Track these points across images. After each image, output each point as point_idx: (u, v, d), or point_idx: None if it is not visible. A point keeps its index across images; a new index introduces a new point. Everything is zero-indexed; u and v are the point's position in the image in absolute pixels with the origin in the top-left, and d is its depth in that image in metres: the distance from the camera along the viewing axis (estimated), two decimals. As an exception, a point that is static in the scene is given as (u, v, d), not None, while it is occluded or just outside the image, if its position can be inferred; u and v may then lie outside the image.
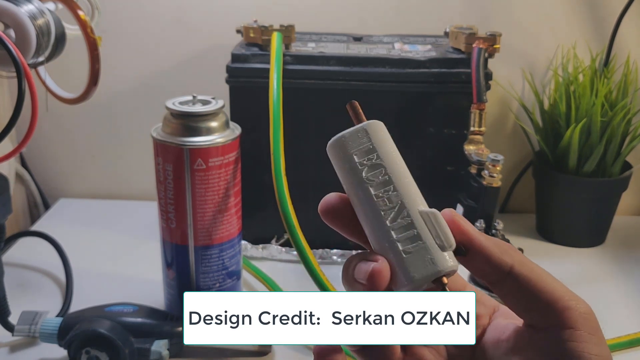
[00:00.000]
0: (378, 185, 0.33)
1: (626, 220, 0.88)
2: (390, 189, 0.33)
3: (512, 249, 0.32)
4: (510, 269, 0.31)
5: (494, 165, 0.62)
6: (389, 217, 0.32)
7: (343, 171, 0.34)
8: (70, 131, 0.90)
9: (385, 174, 0.33)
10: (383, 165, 0.33)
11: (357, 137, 0.34)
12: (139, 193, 0.91)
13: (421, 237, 0.32)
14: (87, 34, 0.56)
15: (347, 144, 0.34)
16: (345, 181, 0.34)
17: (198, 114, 0.57)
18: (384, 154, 0.33)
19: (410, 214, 0.32)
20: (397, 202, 0.33)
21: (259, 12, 0.80)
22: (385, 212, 0.32)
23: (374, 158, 0.33)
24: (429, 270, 0.31)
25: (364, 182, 0.33)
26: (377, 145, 0.34)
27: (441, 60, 0.70)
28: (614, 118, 0.73)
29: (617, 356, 0.60)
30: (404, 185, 0.33)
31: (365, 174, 0.33)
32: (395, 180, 0.33)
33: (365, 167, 0.33)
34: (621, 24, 0.81)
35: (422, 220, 0.32)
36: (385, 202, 0.33)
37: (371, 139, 0.34)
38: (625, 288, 0.71)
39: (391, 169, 0.33)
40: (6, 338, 0.60)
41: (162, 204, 0.59)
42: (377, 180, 0.33)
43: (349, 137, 0.34)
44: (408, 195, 0.33)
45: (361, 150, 0.34)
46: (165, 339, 0.56)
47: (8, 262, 0.73)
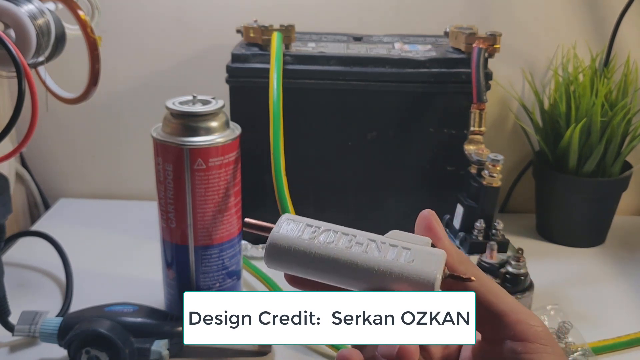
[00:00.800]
0: (342, 241, 0.34)
1: (626, 220, 0.88)
2: (351, 237, 0.34)
3: (471, 263, 0.34)
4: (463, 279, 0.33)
5: (494, 165, 0.62)
6: (373, 252, 0.33)
7: (299, 256, 0.34)
8: (70, 131, 0.90)
9: (336, 231, 0.34)
10: (327, 227, 0.34)
11: (287, 227, 0.34)
12: (139, 193, 0.91)
13: (408, 247, 0.33)
14: (87, 34, 0.56)
15: (286, 237, 0.34)
16: (307, 263, 0.34)
17: (198, 114, 0.57)
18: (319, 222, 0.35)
19: (384, 240, 0.34)
20: (366, 240, 0.34)
21: (259, 12, 0.80)
22: (366, 250, 0.33)
23: (319, 228, 0.34)
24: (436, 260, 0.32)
25: (328, 246, 0.34)
26: (308, 221, 0.35)
27: (441, 60, 0.70)
28: (614, 118, 0.73)
29: (617, 356, 0.60)
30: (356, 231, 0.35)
31: (324, 241, 0.34)
32: (347, 231, 0.34)
33: (318, 238, 0.34)
34: (621, 24, 0.81)
35: (393, 239, 0.34)
36: (359, 246, 0.34)
37: (300, 220, 0.35)
38: (625, 288, 0.71)
39: (335, 227, 0.35)
40: (6, 338, 0.60)
41: (162, 204, 0.59)
42: (336, 239, 0.34)
43: (282, 232, 0.34)
44: (367, 234, 0.35)
45: (302, 230, 0.34)
46: (165, 339, 0.56)
47: (8, 262, 0.73)
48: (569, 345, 0.58)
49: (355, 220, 0.75)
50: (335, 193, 0.74)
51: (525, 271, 0.62)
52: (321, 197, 0.75)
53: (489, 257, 0.62)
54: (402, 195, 0.74)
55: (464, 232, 0.65)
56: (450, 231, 0.68)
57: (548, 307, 0.62)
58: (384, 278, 0.33)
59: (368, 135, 0.72)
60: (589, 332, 0.60)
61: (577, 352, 0.57)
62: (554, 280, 0.72)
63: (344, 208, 0.75)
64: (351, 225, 0.68)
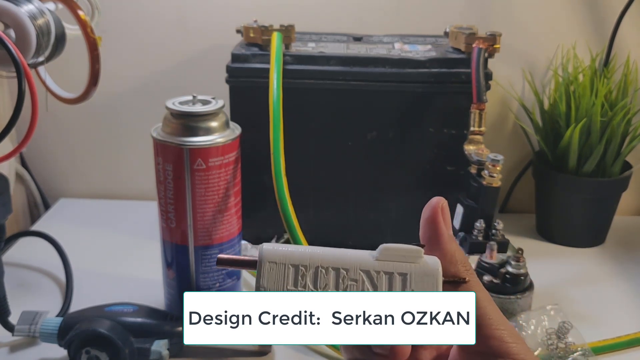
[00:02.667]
0: (334, 281, 0.32)
1: (626, 220, 0.88)
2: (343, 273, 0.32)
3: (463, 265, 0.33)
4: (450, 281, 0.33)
5: (494, 165, 0.62)
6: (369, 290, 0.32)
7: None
8: (70, 131, 0.90)
9: (325, 268, 0.32)
10: (315, 265, 0.32)
11: (272, 273, 0.32)
12: (139, 193, 0.91)
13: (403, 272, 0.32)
14: (87, 34, 0.56)
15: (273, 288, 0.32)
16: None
17: (198, 114, 0.57)
18: (303, 259, 0.32)
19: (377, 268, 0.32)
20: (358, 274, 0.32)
21: (259, 12, 0.80)
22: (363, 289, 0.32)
23: (303, 270, 0.32)
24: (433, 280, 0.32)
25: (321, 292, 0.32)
26: (292, 259, 0.32)
27: (441, 60, 0.70)
28: (613, 118, 0.73)
29: (617, 356, 0.60)
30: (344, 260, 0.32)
31: (314, 286, 0.32)
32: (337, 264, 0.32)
33: (307, 283, 0.32)
34: (621, 24, 0.81)
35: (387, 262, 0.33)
36: (353, 285, 0.32)
37: (284, 262, 0.32)
38: (625, 288, 0.71)
39: (323, 261, 0.32)
40: (6, 338, 0.60)
41: (162, 204, 0.59)
42: (327, 280, 0.32)
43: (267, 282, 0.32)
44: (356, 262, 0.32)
45: (288, 276, 0.32)
46: (165, 339, 0.56)
47: (8, 262, 0.73)
48: (568, 345, 0.58)
49: (355, 220, 0.75)
50: (335, 193, 0.74)
51: (525, 271, 0.62)
52: (321, 197, 0.75)
53: (489, 257, 0.62)
54: (402, 195, 0.74)
55: (464, 232, 0.65)
56: (450, 231, 0.68)
57: (548, 307, 0.62)
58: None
59: (368, 135, 0.72)
60: (589, 332, 0.60)
61: (577, 352, 0.57)
62: (554, 280, 0.72)
63: (344, 208, 0.75)
64: (351, 225, 0.69)
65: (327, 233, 0.75)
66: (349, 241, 0.76)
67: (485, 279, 0.62)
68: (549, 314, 0.61)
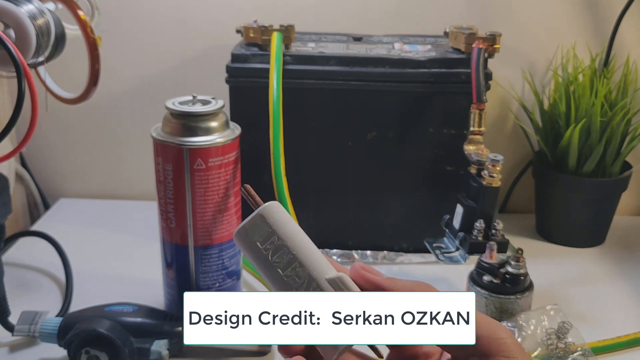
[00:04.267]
0: (285, 266, 0.35)
1: (626, 220, 0.88)
2: (296, 265, 0.35)
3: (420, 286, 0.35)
4: None
5: (494, 165, 0.62)
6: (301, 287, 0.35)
7: (252, 259, 0.36)
8: (70, 131, 0.90)
9: (289, 252, 0.35)
10: (285, 245, 0.35)
11: (256, 224, 0.36)
12: (139, 193, 0.91)
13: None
14: (87, 34, 0.56)
15: (248, 234, 0.36)
16: (256, 267, 0.36)
17: (198, 114, 0.57)
18: (284, 234, 0.36)
19: (319, 284, 0.35)
20: (305, 276, 0.35)
21: (259, 12, 0.80)
22: (296, 289, 0.35)
23: (275, 240, 0.35)
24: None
25: (272, 265, 0.35)
26: (275, 227, 0.36)
27: (441, 60, 0.70)
28: (613, 118, 0.73)
29: (617, 356, 0.60)
30: (308, 258, 0.35)
31: (272, 258, 0.35)
32: (299, 256, 0.35)
33: (270, 251, 0.35)
34: (621, 24, 0.81)
35: (330, 288, 0.35)
36: (294, 279, 0.35)
37: (269, 223, 0.36)
38: (625, 288, 0.71)
39: (293, 247, 0.35)
40: (6, 338, 0.60)
41: (162, 204, 0.59)
42: (282, 261, 0.35)
43: (248, 227, 0.36)
44: (313, 268, 0.35)
45: (262, 236, 0.36)
46: (165, 339, 0.56)
47: (8, 262, 0.73)
48: (568, 345, 0.58)
49: (355, 220, 0.75)
50: (335, 193, 0.74)
51: (525, 271, 0.62)
52: (321, 197, 0.75)
53: (488, 257, 0.62)
54: (402, 195, 0.74)
55: (463, 232, 0.65)
56: (450, 231, 0.68)
57: (548, 307, 0.62)
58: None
59: (368, 135, 0.72)
60: (588, 332, 0.60)
61: (577, 352, 0.57)
62: (554, 280, 0.72)
63: (344, 208, 0.75)
64: (351, 225, 0.68)
65: (327, 233, 0.75)
66: (349, 241, 0.76)
67: (485, 279, 0.62)
68: (549, 314, 0.61)
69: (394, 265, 0.75)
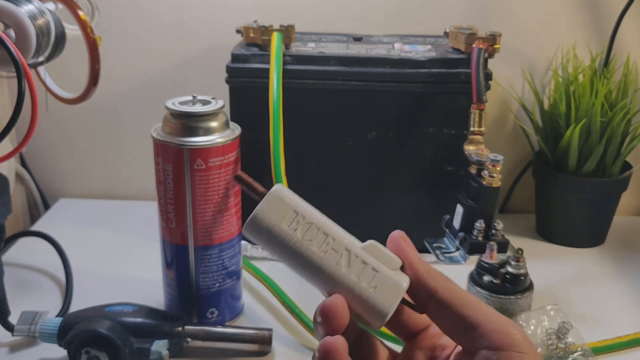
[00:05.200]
0: (319, 242, 0.35)
1: (626, 220, 0.88)
2: (330, 240, 0.35)
3: (441, 277, 0.35)
4: (434, 293, 0.34)
5: (494, 165, 0.62)
6: (342, 265, 0.34)
7: (276, 242, 0.35)
8: (70, 131, 0.90)
9: (318, 228, 0.35)
10: (311, 222, 0.35)
11: (275, 206, 0.35)
12: (139, 193, 0.91)
13: (376, 269, 0.34)
14: (87, 34, 0.56)
15: (268, 217, 0.35)
16: (281, 251, 0.35)
17: (198, 114, 0.57)
18: (305, 211, 0.35)
19: (358, 254, 0.35)
20: (342, 248, 0.35)
21: (259, 12, 0.80)
22: (338, 261, 0.34)
23: (301, 219, 0.35)
24: (395, 292, 0.34)
25: (304, 244, 0.34)
26: (296, 207, 0.35)
27: (441, 60, 0.70)
28: (613, 118, 0.73)
29: (617, 356, 0.60)
30: (336, 232, 0.35)
31: (302, 236, 0.34)
32: (328, 231, 0.35)
33: (297, 230, 0.35)
34: (621, 24, 0.81)
35: (369, 255, 0.35)
36: (332, 253, 0.34)
37: (289, 203, 0.35)
38: (625, 288, 0.71)
39: (319, 223, 0.35)
40: (6, 338, 0.60)
41: (162, 204, 0.59)
42: (314, 237, 0.35)
43: (267, 210, 0.35)
44: (346, 240, 0.35)
45: (285, 216, 0.35)
46: (165, 339, 0.56)
47: (8, 262, 0.73)
48: (568, 345, 0.58)
49: (355, 220, 0.75)
50: (335, 193, 0.74)
51: (525, 271, 0.62)
52: (321, 197, 0.74)
53: (488, 257, 0.62)
54: (402, 195, 0.74)
55: (463, 232, 0.65)
56: (450, 231, 0.68)
57: (548, 307, 0.62)
58: (344, 292, 0.34)
59: (368, 135, 0.72)
60: (589, 332, 0.60)
61: (577, 352, 0.57)
62: (554, 280, 0.72)
63: (344, 208, 0.75)
64: (351, 225, 0.68)
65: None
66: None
67: (485, 279, 0.62)
68: (549, 314, 0.61)
69: (394, 265, 0.75)
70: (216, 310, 0.62)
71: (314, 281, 0.35)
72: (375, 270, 0.34)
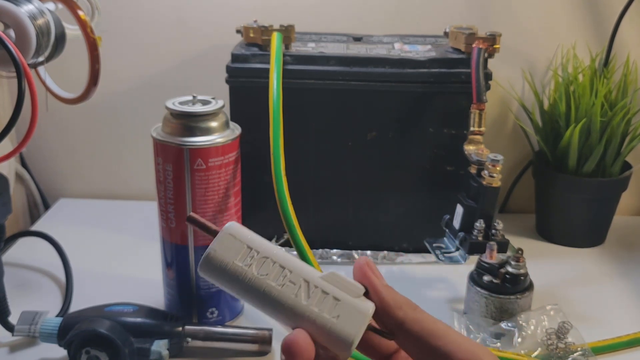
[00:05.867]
0: (275, 275, 0.34)
1: (626, 220, 0.88)
2: (287, 273, 0.34)
3: (408, 305, 0.34)
4: (402, 324, 0.33)
5: (494, 165, 0.62)
6: (302, 296, 0.33)
7: (232, 280, 0.34)
8: (70, 131, 0.90)
9: (274, 262, 0.34)
10: (266, 256, 0.34)
11: (228, 244, 0.34)
12: (139, 193, 0.91)
13: (338, 297, 0.33)
14: (87, 34, 0.56)
15: (221, 256, 0.34)
16: (239, 288, 0.34)
17: (198, 114, 0.57)
18: (260, 246, 0.34)
19: (317, 284, 0.34)
20: (299, 280, 0.34)
21: (259, 12, 0.80)
22: (296, 293, 0.33)
23: (255, 254, 0.34)
24: (360, 320, 0.33)
25: (260, 279, 0.34)
26: (249, 242, 0.34)
27: (441, 60, 0.70)
28: (613, 118, 0.73)
29: (617, 356, 0.60)
30: (294, 264, 0.34)
31: (257, 271, 0.34)
32: (285, 264, 0.34)
33: (252, 266, 0.34)
34: (621, 24, 0.81)
35: (329, 284, 0.34)
36: (290, 286, 0.34)
37: (241, 240, 0.34)
38: (625, 288, 0.71)
39: (274, 256, 0.34)
40: (6, 338, 0.60)
41: (162, 204, 0.59)
42: (270, 271, 0.34)
43: (219, 249, 0.34)
44: (303, 271, 0.34)
45: (238, 253, 0.34)
46: (165, 339, 0.56)
47: (8, 262, 0.73)
48: (568, 345, 0.58)
49: (355, 220, 0.75)
50: (335, 193, 0.74)
51: (525, 271, 0.62)
52: (321, 197, 0.75)
53: (488, 257, 0.62)
54: (402, 195, 0.74)
55: (463, 232, 0.65)
56: (450, 231, 0.68)
57: (548, 307, 0.62)
58: (307, 325, 0.33)
59: (368, 135, 0.72)
60: (589, 332, 0.60)
61: (577, 352, 0.57)
62: (554, 280, 0.72)
63: (344, 208, 0.75)
64: (351, 225, 0.69)
65: (327, 233, 0.75)
66: (349, 241, 0.76)
67: (485, 279, 0.62)
68: (549, 314, 0.61)
69: (394, 265, 0.75)
70: (216, 310, 0.62)
71: (276, 316, 0.34)
72: (336, 299, 0.33)
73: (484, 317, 0.62)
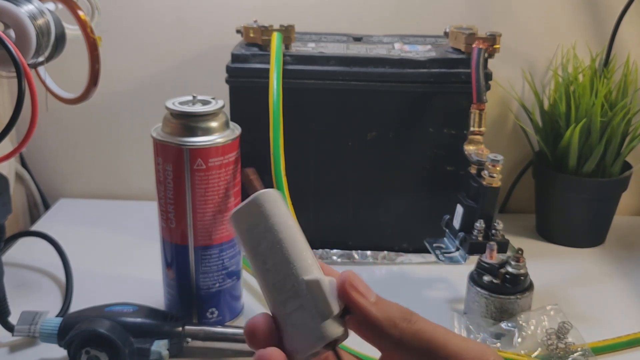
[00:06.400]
0: (269, 257, 0.33)
1: (626, 220, 0.88)
2: (279, 259, 0.33)
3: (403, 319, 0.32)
4: (399, 342, 0.32)
5: (494, 166, 0.62)
6: (279, 289, 0.33)
7: (241, 244, 0.35)
8: (70, 131, 0.90)
9: (274, 244, 0.33)
10: (272, 236, 0.34)
11: (248, 210, 0.34)
12: (139, 193, 0.91)
13: (304, 307, 0.32)
14: (87, 34, 0.56)
15: (241, 219, 0.35)
16: (244, 252, 0.35)
17: (198, 114, 0.57)
18: (273, 225, 0.34)
19: (296, 283, 0.33)
20: (285, 272, 0.33)
21: (259, 12, 0.80)
22: (275, 284, 0.33)
23: (262, 230, 0.34)
24: (312, 340, 0.32)
25: (258, 254, 0.34)
26: (265, 217, 0.34)
27: (441, 60, 0.70)
28: (613, 118, 0.73)
29: (617, 356, 0.60)
30: (293, 254, 0.33)
31: (258, 247, 0.34)
32: (284, 250, 0.33)
33: (257, 240, 0.34)
34: (621, 24, 0.81)
35: (305, 290, 0.32)
36: (274, 273, 0.33)
37: (260, 212, 0.34)
38: (625, 288, 0.71)
39: (280, 239, 0.33)
40: (6, 338, 0.60)
41: (162, 204, 0.59)
42: (267, 252, 0.33)
43: (241, 212, 0.34)
44: (296, 264, 0.33)
45: (251, 223, 0.34)
46: (165, 339, 0.56)
47: (8, 262, 0.73)
48: (568, 345, 0.58)
49: (355, 220, 0.75)
50: (335, 193, 0.74)
51: (525, 271, 0.62)
52: (321, 197, 0.75)
53: (488, 258, 0.62)
54: (402, 195, 0.74)
55: (463, 232, 0.65)
56: (450, 231, 0.68)
57: (548, 307, 0.62)
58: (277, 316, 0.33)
59: (368, 135, 0.72)
60: (589, 332, 0.60)
61: (577, 352, 0.57)
62: (554, 280, 0.72)
63: (344, 208, 0.75)
64: (351, 225, 0.68)
65: (327, 233, 0.75)
66: (349, 241, 0.76)
67: (485, 279, 0.62)
68: (549, 314, 0.61)
69: (394, 265, 0.75)
70: (216, 310, 0.62)
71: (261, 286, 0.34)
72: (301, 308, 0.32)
73: (484, 317, 0.62)
